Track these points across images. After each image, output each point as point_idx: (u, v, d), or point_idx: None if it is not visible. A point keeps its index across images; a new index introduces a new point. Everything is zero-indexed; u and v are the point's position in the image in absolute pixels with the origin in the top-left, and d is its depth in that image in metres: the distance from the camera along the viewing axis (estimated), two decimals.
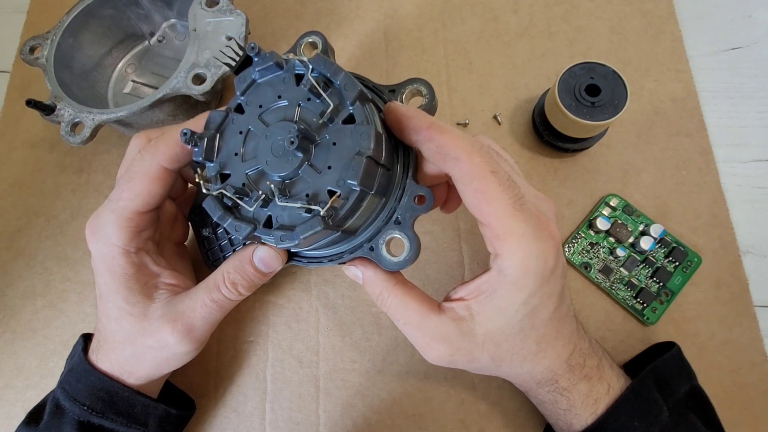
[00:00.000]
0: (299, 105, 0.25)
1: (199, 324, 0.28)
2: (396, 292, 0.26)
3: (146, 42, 0.45)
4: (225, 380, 0.36)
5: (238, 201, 0.25)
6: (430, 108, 0.28)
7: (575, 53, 0.43)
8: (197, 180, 0.26)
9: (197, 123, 0.28)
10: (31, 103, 0.35)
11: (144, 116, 0.37)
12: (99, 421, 0.28)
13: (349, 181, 0.23)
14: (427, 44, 0.44)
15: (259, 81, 0.26)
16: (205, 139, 0.26)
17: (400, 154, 0.26)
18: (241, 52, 0.26)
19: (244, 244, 0.29)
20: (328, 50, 0.28)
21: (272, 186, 0.24)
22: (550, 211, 0.27)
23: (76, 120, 0.35)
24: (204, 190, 0.25)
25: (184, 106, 0.39)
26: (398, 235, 0.26)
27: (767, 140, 0.40)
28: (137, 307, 0.28)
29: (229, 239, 0.31)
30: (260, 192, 0.25)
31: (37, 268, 0.40)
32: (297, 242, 0.23)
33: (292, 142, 0.23)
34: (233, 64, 0.27)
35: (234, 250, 0.31)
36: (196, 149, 0.26)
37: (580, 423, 0.28)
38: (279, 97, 0.26)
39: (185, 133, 0.25)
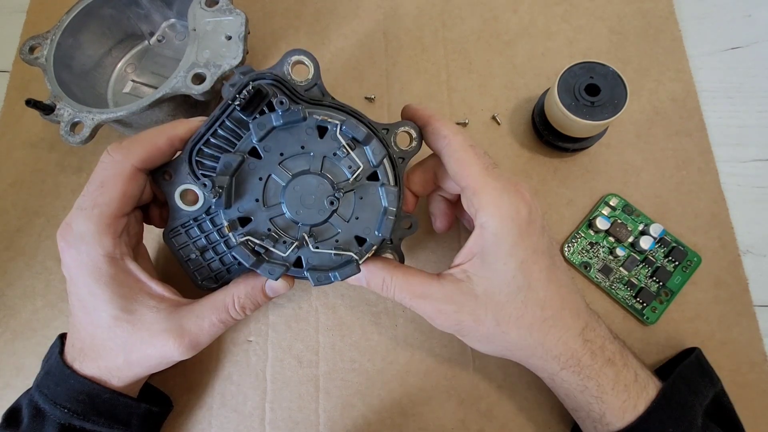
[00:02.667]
0: (324, 157, 0.28)
1: (205, 340, 0.30)
2: (397, 273, 0.29)
3: (146, 42, 0.45)
4: (225, 380, 0.36)
5: (270, 248, 0.28)
6: (419, 148, 0.30)
7: (575, 53, 0.43)
8: (228, 231, 0.28)
9: (178, 127, 0.29)
10: (31, 103, 0.35)
11: (143, 116, 0.37)
12: (81, 424, 0.28)
13: (378, 234, 0.28)
14: (427, 44, 0.44)
15: (278, 128, 0.27)
16: (225, 190, 0.27)
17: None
18: (251, 92, 0.26)
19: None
20: (318, 71, 0.29)
21: (305, 235, 0.28)
22: (525, 185, 0.29)
23: (76, 120, 0.35)
24: (233, 239, 0.28)
25: (184, 105, 0.39)
26: (390, 255, 0.31)
27: (767, 140, 0.40)
28: (133, 315, 0.28)
29: (220, 259, 0.31)
30: (291, 240, 0.28)
31: (37, 268, 0.40)
32: (333, 282, 0.28)
33: (332, 203, 0.28)
34: (243, 103, 0.26)
35: (228, 270, 0.31)
36: (217, 199, 0.27)
37: (613, 413, 0.27)
38: (302, 147, 0.28)
39: (205, 185, 0.27)
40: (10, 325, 0.38)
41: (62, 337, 0.32)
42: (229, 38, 0.35)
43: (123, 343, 0.28)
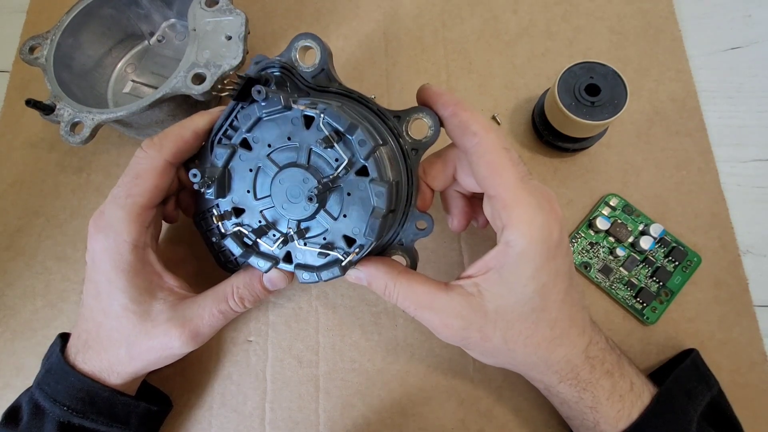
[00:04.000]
0: (311, 149, 0.26)
1: (206, 331, 0.30)
2: (401, 280, 0.28)
3: (146, 42, 0.45)
4: (225, 380, 0.36)
5: (258, 240, 0.28)
6: (436, 137, 0.28)
7: (575, 53, 0.43)
8: (215, 221, 0.28)
9: (199, 120, 0.30)
10: (31, 103, 0.35)
11: (144, 116, 0.37)
12: (80, 422, 0.29)
13: (366, 237, 0.26)
14: (427, 44, 0.44)
15: (265, 118, 0.27)
16: (216, 180, 0.27)
17: (403, 185, 0.27)
18: (241, 81, 0.26)
19: None
20: (326, 55, 0.28)
21: (291, 230, 0.27)
22: (553, 194, 0.27)
23: (76, 120, 0.35)
24: (222, 230, 0.28)
25: (184, 105, 0.39)
26: (400, 257, 0.29)
27: (767, 140, 0.40)
28: (142, 306, 0.29)
29: None
30: (280, 234, 0.28)
31: (37, 267, 0.40)
32: (318, 282, 0.27)
33: (311, 199, 0.26)
34: (234, 94, 0.27)
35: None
36: (209, 191, 0.27)
37: (608, 422, 0.27)
38: (289, 138, 0.27)
39: (195, 174, 0.27)
40: (10, 325, 0.38)
41: (62, 336, 0.32)
42: (229, 38, 0.35)
43: (127, 334, 0.29)
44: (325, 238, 0.27)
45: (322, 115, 0.25)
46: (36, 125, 0.44)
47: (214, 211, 0.29)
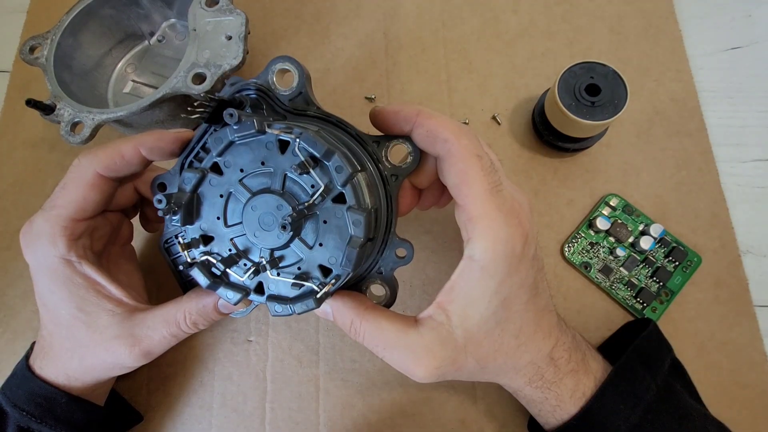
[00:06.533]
0: (286, 175, 0.25)
1: (158, 350, 0.29)
2: (368, 316, 0.26)
3: (146, 42, 0.45)
4: (225, 380, 0.36)
5: (228, 270, 0.26)
6: (416, 164, 0.27)
7: (575, 53, 0.43)
8: (181, 250, 0.27)
9: (147, 137, 0.28)
10: (31, 103, 0.35)
11: (144, 116, 0.37)
12: (38, 428, 0.28)
13: (343, 267, 0.24)
14: (427, 44, 0.44)
15: (238, 142, 0.25)
16: (183, 206, 0.26)
17: (382, 212, 0.26)
18: (212, 103, 0.25)
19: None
20: (303, 78, 0.27)
21: (263, 259, 0.25)
22: (525, 203, 0.27)
23: (76, 120, 0.35)
24: (188, 259, 0.26)
25: (184, 105, 0.39)
26: (379, 284, 0.28)
27: (767, 140, 0.40)
28: (90, 316, 0.28)
29: None
30: (251, 264, 0.26)
31: None
32: (291, 314, 0.25)
33: (285, 227, 0.24)
34: (205, 116, 0.25)
35: None
36: (175, 218, 0.26)
37: (570, 415, 0.28)
38: (262, 163, 0.25)
39: (160, 201, 0.25)
40: (11, 325, 0.38)
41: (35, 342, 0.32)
42: (230, 38, 0.35)
43: (78, 344, 0.28)
44: (299, 268, 0.26)
45: (297, 140, 0.23)
46: (36, 125, 0.44)
47: (180, 239, 0.27)
